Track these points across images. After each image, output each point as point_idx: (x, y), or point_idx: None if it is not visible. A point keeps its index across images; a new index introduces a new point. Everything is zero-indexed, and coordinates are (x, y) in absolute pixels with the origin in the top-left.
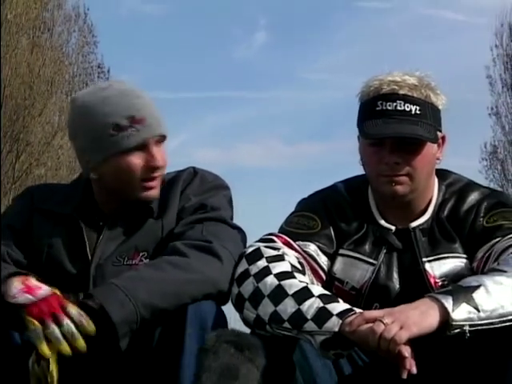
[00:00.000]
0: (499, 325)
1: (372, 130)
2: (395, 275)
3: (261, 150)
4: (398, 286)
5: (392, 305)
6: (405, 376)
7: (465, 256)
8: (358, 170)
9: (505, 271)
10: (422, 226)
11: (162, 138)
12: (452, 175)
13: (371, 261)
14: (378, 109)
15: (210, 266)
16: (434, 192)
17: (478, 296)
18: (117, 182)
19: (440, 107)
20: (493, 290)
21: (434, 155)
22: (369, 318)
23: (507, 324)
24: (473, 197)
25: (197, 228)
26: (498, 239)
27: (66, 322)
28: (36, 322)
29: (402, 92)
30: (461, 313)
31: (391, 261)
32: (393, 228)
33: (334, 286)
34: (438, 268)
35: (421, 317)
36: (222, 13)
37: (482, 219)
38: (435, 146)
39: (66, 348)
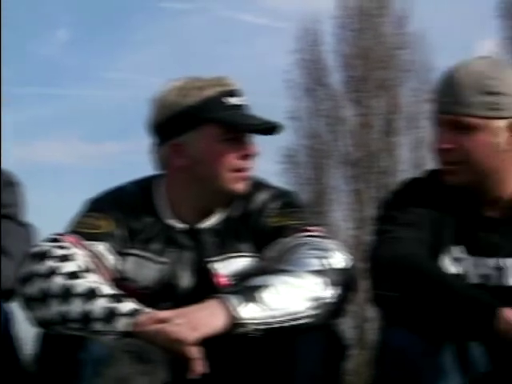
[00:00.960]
0: (286, 324)
1: (245, 121)
2: (184, 275)
3: (61, 147)
4: (186, 285)
5: (181, 304)
6: (193, 376)
7: (253, 255)
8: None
9: (290, 271)
10: (213, 225)
11: None
12: None
13: (161, 260)
14: (229, 104)
15: None
16: None
17: (266, 295)
18: None
19: None
20: (280, 290)
21: None
22: (158, 318)
23: (294, 323)
24: (262, 196)
25: None
26: (284, 238)
27: None
28: None
29: (238, 88)
30: (248, 312)
31: (181, 260)
32: (183, 227)
33: (124, 285)
34: (226, 267)
35: (210, 317)
36: (23, 8)
37: (270, 218)
38: None
39: None
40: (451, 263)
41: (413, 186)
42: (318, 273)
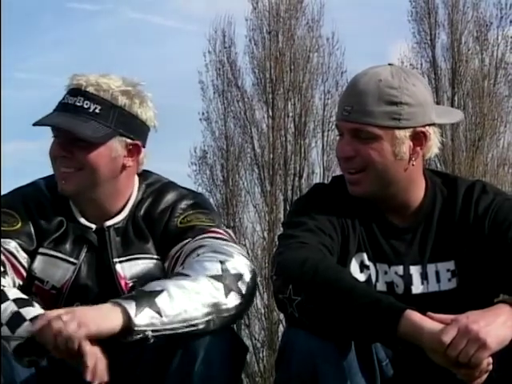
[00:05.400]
0: (183, 330)
1: (40, 120)
2: (94, 275)
3: None
4: (95, 285)
5: (91, 304)
6: (89, 378)
7: (157, 257)
8: None
9: (188, 275)
10: (118, 224)
11: None
12: (153, 175)
13: (72, 260)
14: (62, 102)
15: None
16: (134, 191)
17: (161, 301)
18: None
19: (140, 116)
20: (176, 295)
21: (115, 158)
22: (50, 316)
23: (191, 329)
24: (169, 197)
25: None
26: (188, 240)
27: None
28: None
29: (86, 89)
30: (143, 318)
31: (92, 260)
32: (93, 227)
33: (34, 284)
34: (129, 269)
35: (102, 318)
36: None
37: (176, 219)
38: (118, 149)
39: None
40: (358, 269)
41: (321, 192)
42: (217, 278)
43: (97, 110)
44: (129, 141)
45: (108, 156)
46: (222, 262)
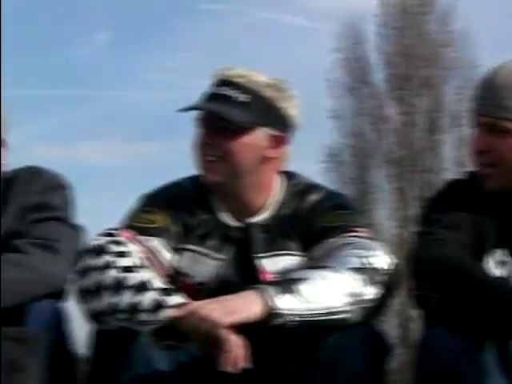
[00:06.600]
0: (323, 317)
1: (188, 106)
2: (238, 271)
3: (102, 148)
4: (240, 281)
5: None
6: (229, 366)
7: (301, 254)
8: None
9: (331, 266)
10: (262, 222)
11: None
12: (297, 176)
13: (217, 256)
14: (209, 93)
15: (50, 264)
16: (277, 190)
17: (303, 288)
18: None
19: (285, 110)
20: (317, 283)
21: (258, 148)
22: (197, 304)
23: (331, 317)
24: (314, 197)
25: (37, 227)
26: (333, 239)
27: None
28: None
29: (232, 80)
30: (285, 302)
31: (236, 256)
32: (237, 223)
33: (179, 280)
34: (273, 265)
35: (245, 305)
36: (63, 11)
37: (321, 219)
38: (262, 140)
39: None
40: (495, 266)
41: (455, 188)
42: (358, 270)
43: (243, 99)
44: (272, 132)
45: (251, 145)
46: (363, 257)
